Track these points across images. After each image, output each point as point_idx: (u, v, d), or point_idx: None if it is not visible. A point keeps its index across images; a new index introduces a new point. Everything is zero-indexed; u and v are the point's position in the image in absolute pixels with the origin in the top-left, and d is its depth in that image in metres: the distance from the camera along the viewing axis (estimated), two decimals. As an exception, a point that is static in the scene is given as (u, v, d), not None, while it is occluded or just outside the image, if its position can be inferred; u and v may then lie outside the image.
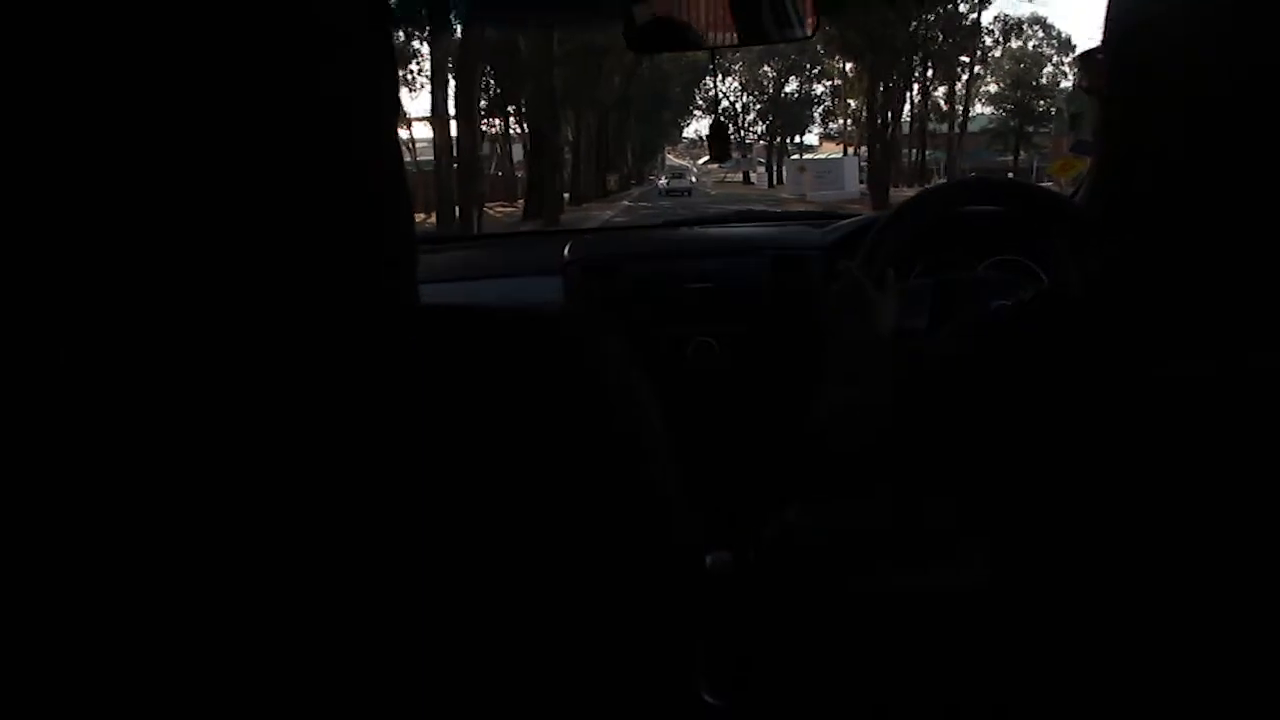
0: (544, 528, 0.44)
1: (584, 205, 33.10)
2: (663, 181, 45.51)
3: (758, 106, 57.17)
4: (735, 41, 1.70)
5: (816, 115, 55.92)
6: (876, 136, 33.09)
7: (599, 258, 1.85)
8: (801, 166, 34.90)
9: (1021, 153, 45.52)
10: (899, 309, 1.23)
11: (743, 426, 1.73)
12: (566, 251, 1.86)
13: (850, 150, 44.22)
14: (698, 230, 2.14)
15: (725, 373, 1.74)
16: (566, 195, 32.16)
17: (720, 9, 1.58)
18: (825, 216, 2.11)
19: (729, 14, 1.58)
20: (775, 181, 49.89)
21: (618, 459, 0.47)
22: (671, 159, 68.63)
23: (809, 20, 1.61)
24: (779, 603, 0.75)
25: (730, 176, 56.88)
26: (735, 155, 47.07)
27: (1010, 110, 48.52)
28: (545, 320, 0.50)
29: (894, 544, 0.75)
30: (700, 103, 55.78)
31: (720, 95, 53.02)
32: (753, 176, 56.15)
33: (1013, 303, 0.69)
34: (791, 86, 54.47)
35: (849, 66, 41.83)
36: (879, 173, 31.81)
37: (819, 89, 54.40)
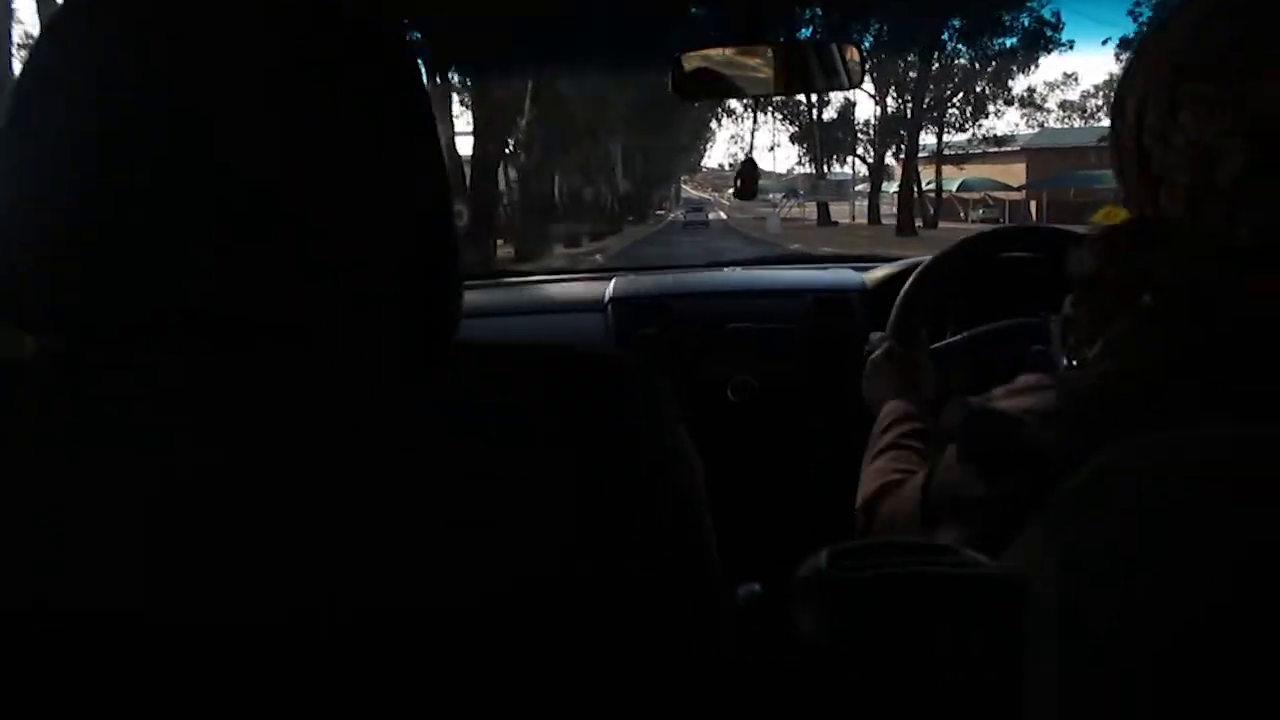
0: (574, 565, 0.45)
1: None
2: (677, 214, 37.62)
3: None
4: (783, 91, 1.74)
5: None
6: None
7: (642, 295, 1.90)
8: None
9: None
10: (936, 374, 1.25)
11: (782, 463, 1.76)
12: (610, 288, 1.90)
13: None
14: (740, 271, 2.18)
15: (766, 410, 1.76)
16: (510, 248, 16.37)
17: (767, 61, 1.62)
18: (868, 259, 2.14)
19: (776, 65, 1.63)
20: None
21: (658, 503, 0.48)
22: (689, 190, 53.19)
23: (856, 71, 1.65)
24: (799, 643, 0.74)
25: (799, 212, 35.33)
26: (813, 183, 32.18)
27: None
28: (588, 360, 0.51)
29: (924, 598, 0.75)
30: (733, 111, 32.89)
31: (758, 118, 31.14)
32: (833, 211, 32.29)
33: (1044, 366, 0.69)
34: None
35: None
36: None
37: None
